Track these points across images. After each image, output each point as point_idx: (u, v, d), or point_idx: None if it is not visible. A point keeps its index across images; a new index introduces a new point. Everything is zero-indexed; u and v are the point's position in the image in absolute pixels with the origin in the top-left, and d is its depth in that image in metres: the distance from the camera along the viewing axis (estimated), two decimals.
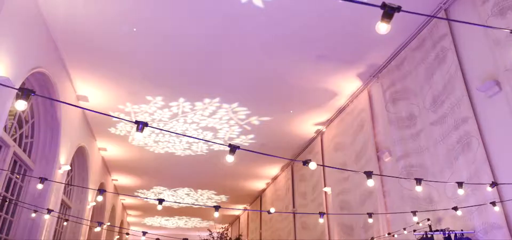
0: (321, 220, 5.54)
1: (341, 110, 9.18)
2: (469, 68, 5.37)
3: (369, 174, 3.74)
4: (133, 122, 2.57)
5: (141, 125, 2.59)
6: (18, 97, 2.45)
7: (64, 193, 9.32)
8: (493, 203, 4.35)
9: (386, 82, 7.26)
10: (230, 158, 3.12)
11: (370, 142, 7.75)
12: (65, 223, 9.15)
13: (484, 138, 4.99)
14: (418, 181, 3.93)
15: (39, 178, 4.32)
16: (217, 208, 4.19)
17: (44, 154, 7.72)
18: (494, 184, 4.27)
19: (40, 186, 4.30)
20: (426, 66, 6.14)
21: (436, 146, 5.80)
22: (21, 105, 2.49)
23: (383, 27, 2.17)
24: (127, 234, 8.68)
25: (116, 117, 2.92)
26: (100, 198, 4.62)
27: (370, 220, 5.40)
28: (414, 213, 5.05)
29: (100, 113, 2.88)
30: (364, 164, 7.89)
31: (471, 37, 5.39)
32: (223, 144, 3.17)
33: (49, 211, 5.44)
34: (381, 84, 7.46)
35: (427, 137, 6.03)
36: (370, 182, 3.82)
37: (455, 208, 4.71)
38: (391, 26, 2.29)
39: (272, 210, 4.83)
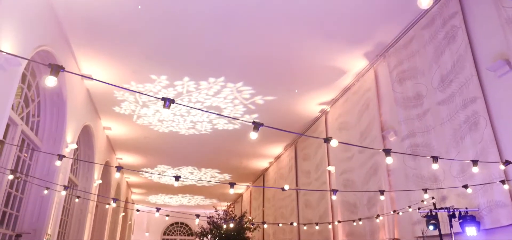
0: (334, 197, 5.63)
1: (346, 90, 9.16)
2: (479, 47, 5.32)
3: (387, 152, 3.80)
4: (160, 98, 2.58)
5: (167, 102, 2.61)
6: (50, 72, 2.48)
7: (71, 171, 9.43)
8: (503, 182, 4.40)
9: (393, 61, 7.21)
10: (254, 135, 3.20)
11: (375, 121, 7.77)
12: (76, 200, 9.29)
13: (492, 118, 4.99)
14: (435, 159, 3.97)
15: (58, 155, 4.38)
16: (232, 185, 4.26)
17: (51, 132, 7.78)
18: (507, 162, 4.30)
19: (58, 163, 4.40)
20: (435, 45, 6.08)
21: (443, 126, 5.81)
22: (51, 81, 2.53)
23: (425, 2, 2.17)
24: (138, 210, 8.83)
25: (139, 92, 2.93)
26: (117, 175, 4.70)
27: (382, 197, 5.49)
28: (425, 190, 5.11)
29: (125, 88, 2.88)
30: (368, 144, 7.92)
31: (482, 15, 5.31)
32: (247, 121, 3.18)
33: (66, 187, 5.56)
34: (388, 63, 7.41)
35: (433, 117, 6.03)
36: (389, 160, 3.90)
37: (465, 186, 4.75)
38: (400, 4, 2.27)
39: (286, 187, 4.90)
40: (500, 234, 4.74)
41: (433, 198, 5.63)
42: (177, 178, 4.20)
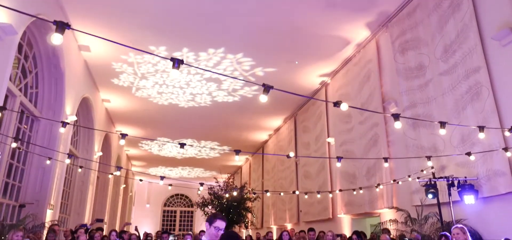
0: (338, 164, 5.69)
1: (347, 61, 9.07)
2: (484, 16, 5.23)
3: (396, 117, 3.81)
4: (168, 58, 2.53)
5: (177, 63, 2.57)
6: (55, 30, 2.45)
7: (71, 143, 9.45)
8: (505, 149, 4.43)
9: (395, 32, 7.10)
10: (264, 98, 3.27)
11: (376, 93, 7.74)
12: (79, 170, 9.36)
13: (494, 87, 4.97)
14: (442, 124, 3.98)
15: (61, 122, 4.37)
16: (237, 152, 4.29)
17: (50, 104, 7.73)
18: None
19: (62, 130, 4.41)
20: (439, 14, 5.97)
21: (444, 96, 5.80)
22: (58, 39, 2.49)
23: None
24: (141, 180, 8.91)
25: (150, 53, 2.88)
26: (122, 142, 4.72)
27: (386, 164, 5.54)
28: (428, 158, 5.13)
29: (136, 49, 2.83)
30: (369, 115, 7.93)
31: None
32: (257, 83, 3.15)
33: (70, 156, 5.60)
34: (390, 34, 7.30)
35: (435, 87, 6.01)
36: (397, 125, 3.91)
37: (468, 154, 4.78)
38: None
39: (291, 154, 4.93)
40: (498, 202, 4.83)
41: (432, 167, 5.70)
42: (182, 145, 4.22)
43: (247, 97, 11.39)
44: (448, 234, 4.28)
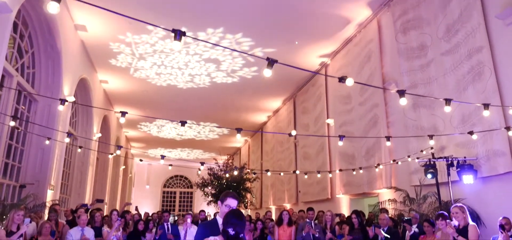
0: (340, 143, 5.71)
1: (348, 41, 8.97)
2: None
3: (401, 93, 3.79)
4: (169, 30, 2.49)
5: (179, 34, 2.54)
6: None
7: (70, 124, 9.41)
8: (508, 128, 4.43)
9: (397, 11, 6.99)
10: (268, 72, 3.29)
11: (376, 73, 7.69)
12: (78, 150, 9.35)
13: (496, 68, 4.93)
14: (447, 101, 3.96)
15: (60, 99, 4.32)
16: (239, 130, 4.28)
17: (48, 84, 7.66)
18: None
19: (61, 108, 4.37)
20: None
21: (446, 76, 5.76)
22: (54, 8, 2.46)
23: None
24: (141, 160, 8.92)
25: (150, 24, 2.82)
26: (122, 120, 4.69)
27: (388, 143, 5.54)
28: (431, 136, 5.13)
29: (135, 19, 2.76)
30: (369, 96, 7.90)
31: None
32: (262, 58, 3.10)
33: (69, 134, 5.59)
34: (392, 13, 7.19)
35: (437, 68, 5.96)
36: (403, 101, 3.92)
37: (471, 133, 4.76)
38: None
39: (293, 132, 4.94)
40: (497, 182, 4.86)
41: (432, 148, 5.71)
42: (183, 123, 4.20)
43: (246, 78, 11.30)
44: (445, 213, 4.32)
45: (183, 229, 6.89)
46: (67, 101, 4.39)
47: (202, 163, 6.91)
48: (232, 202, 2.80)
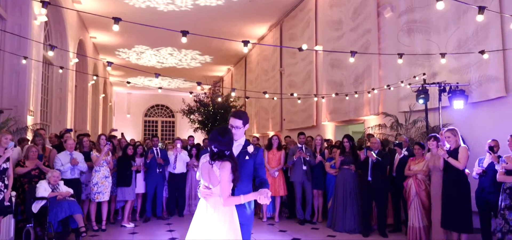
0: (351, 59, 5.34)
1: None
2: None
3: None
4: None
5: None
6: None
7: (44, 49, 8.75)
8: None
9: None
10: None
11: None
12: (60, 70, 8.79)
13: None
14: (481, 9, 3.74)
15: (42, 2, 3.88)
16: (245, 43, 4.04)
17: (16, 2, 6.92)
18: None
19: (37, 22, 3.93)
20: None
21: None
22: None
23: None
24: (128, 82, 8.57)
25: None
26: (117, 28, 4.29)
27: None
28: (442, 55, 4.99)
29: None
30: (362, 21, 7.66)
31: None
32: None
33: (53, 47, 5.27)
34: None
35: None
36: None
37: (482, 52, 4.62)
38: None
39: (305, 46, 4.73)
40: (486, 107, 4.97)
41: (424, 74, 5.71)
42: (184, 33, 3.91)
43: (232, 1, 10.66)
44: (438, 135, 4.43)
45: (173, 154, 6.88)
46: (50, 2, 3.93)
47: (191, 92, 6.70)
48: (233, 121, 2.73)
